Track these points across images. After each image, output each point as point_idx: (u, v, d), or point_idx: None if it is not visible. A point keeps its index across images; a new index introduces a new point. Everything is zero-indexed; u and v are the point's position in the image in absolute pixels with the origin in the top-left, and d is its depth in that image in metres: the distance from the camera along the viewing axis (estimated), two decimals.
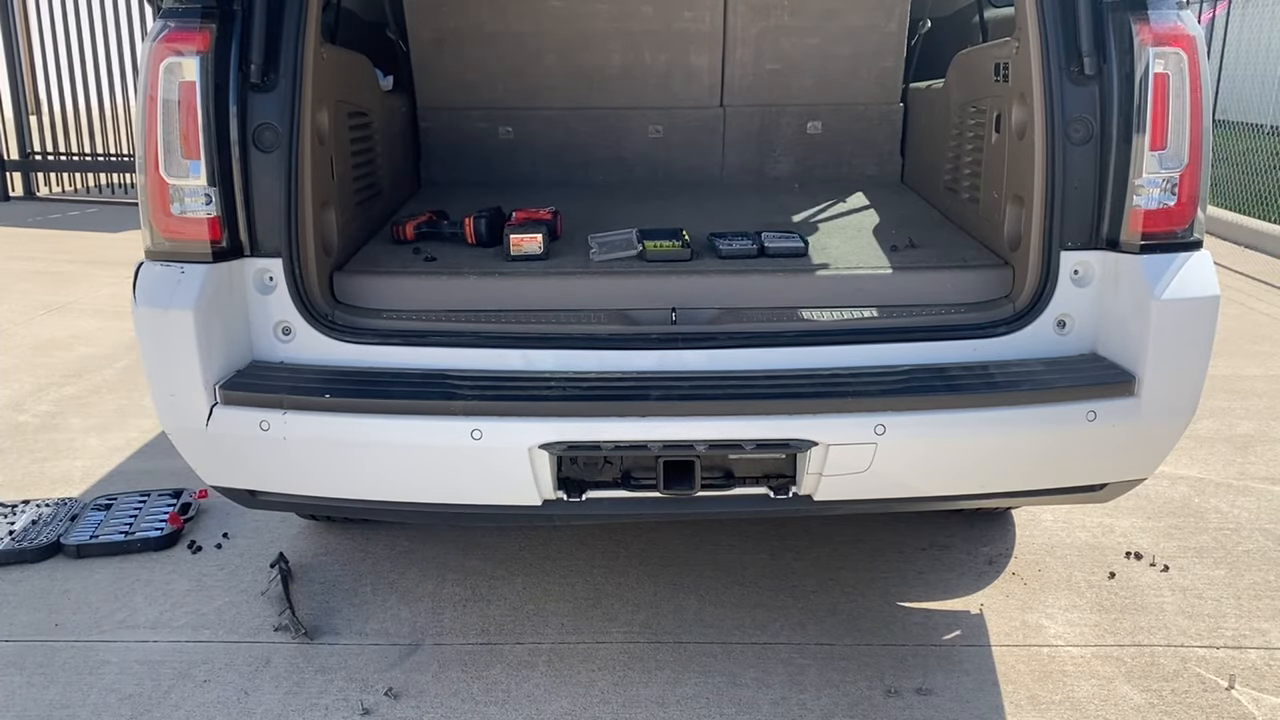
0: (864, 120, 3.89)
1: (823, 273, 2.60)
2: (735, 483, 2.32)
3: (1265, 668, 2.66)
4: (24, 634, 2.85)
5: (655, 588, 3.07)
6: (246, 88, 2.30)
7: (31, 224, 9.33)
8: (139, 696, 2.57)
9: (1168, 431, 2.33)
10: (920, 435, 2.20)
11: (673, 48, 3.79)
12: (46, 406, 4.64)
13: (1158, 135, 2.22)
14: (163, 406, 2.31)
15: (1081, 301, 2.34)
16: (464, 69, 3.86)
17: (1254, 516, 3.52)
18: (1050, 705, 2.53)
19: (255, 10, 2.28)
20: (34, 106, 10.73)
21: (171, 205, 2.27)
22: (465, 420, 2.18)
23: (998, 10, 3.66)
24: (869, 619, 2.91)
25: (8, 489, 3.76)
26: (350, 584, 3.10)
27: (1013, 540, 3.36)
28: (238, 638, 2.83)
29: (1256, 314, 6.16)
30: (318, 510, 3.05)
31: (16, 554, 3.22)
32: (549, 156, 3.95)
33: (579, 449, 2.23)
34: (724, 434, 2.19)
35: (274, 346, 2.38)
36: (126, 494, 3.61)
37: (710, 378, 2.30)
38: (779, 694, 2.59)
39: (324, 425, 2.22)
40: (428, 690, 2.57)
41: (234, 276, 2.32)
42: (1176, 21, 2.20)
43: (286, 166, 2.32)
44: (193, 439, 2.33)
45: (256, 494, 2.42)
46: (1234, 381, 4.85)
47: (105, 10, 10.34)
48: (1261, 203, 9.16)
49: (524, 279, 2.60)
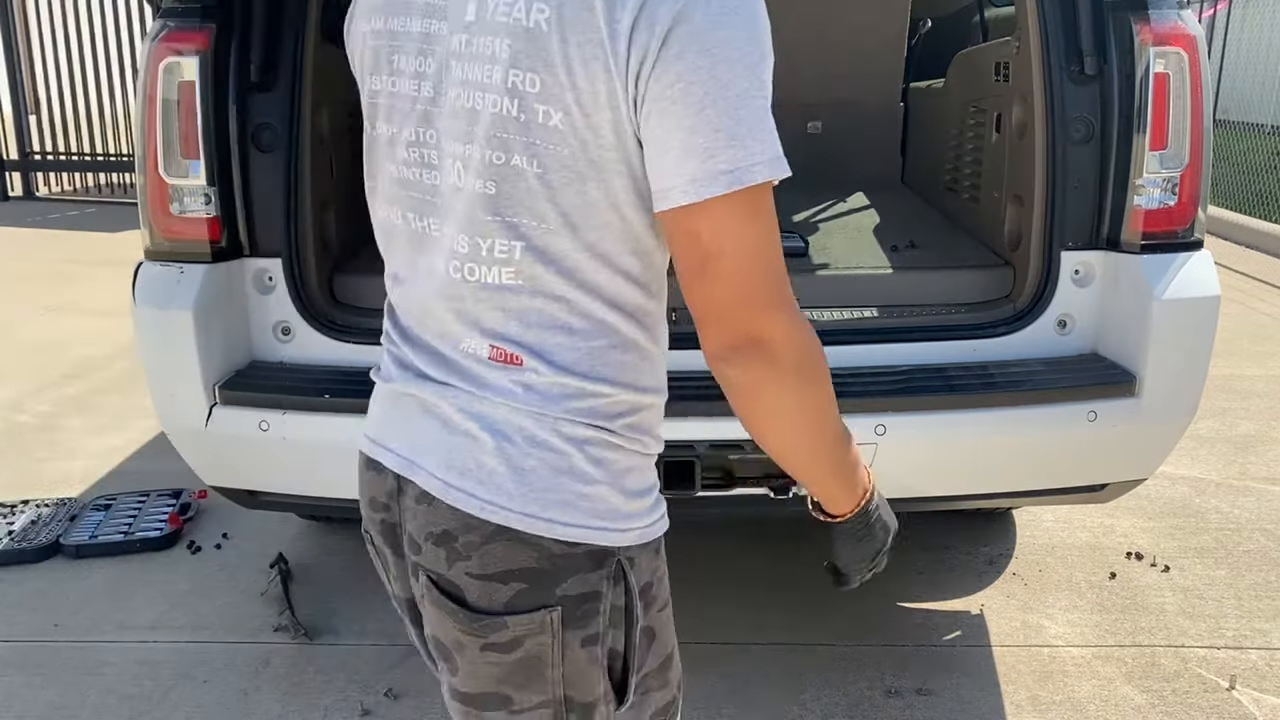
0: (864, 120, 3.89)
1: (823, 272, 2.59)
2: (735, 483, 2.32)
3: (1266, 668, 2.66)
4: (24, 634, 2.85)
5: None
6: (246, 87, 2.29)
7: (31, 224, 9.33)
8: (139, 696, 2.57)
9: (1168, 432, 2.32)
10: (920, 436, 2.20)
11: None
12: (46, 406, 4.64)
13: (1158, 135, 2.22)
14: (162, 406, 2.31)
15: (1082, 301, 2.34)
16: None
17: (1255, 516, 3.52)
18: (1051, 706, 2.52)
19: (255, 10, 2.28)
20: (34, 106, 10.72)
21: (171, 205, 2.27)
22: None
23: (998, 10, 3.66)
24: (869, 619, 2.90)
25: (7, 489, 3.75)
26: (350, 584, 3.09)
27: (1013, 540, 3.36)
28: (238, 638, 2.82)
29: (1257, 314, 6.15)
30: (318, 511, 3.04)
31: (16, 554, 3.21)
32: None
33: None
34: (724, 434, 2.19)
35: (274, 347, 2.38)
36: (126, 494, 3.61)
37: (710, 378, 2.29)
38: (779, 694, 2.58)
39: (324, 425, 2.22)
40: (428, 690, 2.56)
41: (233, 277, 2.32)
42: (1177, 21, 2.20)
43: (286, 166, 2.32)
44: (192, 439, 2.32)
45: (256, 494, 2.42)
46: (1234, 381, 4.85)
47: (105, 10, 10.33)
48: (1261, 203, 9.16)
49: None
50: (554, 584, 1.06)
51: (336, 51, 2.83)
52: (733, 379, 1.02)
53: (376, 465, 1.18)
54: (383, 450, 1.16)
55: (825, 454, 1.11)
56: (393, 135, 1.10)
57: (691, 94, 0.92)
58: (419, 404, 1.12)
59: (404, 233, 1.13)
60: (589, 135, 0.96)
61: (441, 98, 1.03)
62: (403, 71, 1.07)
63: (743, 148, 0.94)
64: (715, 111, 0.93)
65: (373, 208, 1.19)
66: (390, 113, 1.09)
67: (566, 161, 0.97)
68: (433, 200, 1.07)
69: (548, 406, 1.05)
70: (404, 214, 1.11)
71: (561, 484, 1.06)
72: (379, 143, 1.12)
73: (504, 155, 0.99)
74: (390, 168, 1.11)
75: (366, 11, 1.11)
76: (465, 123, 1.01)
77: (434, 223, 1.08)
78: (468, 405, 1.08)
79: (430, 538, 1.09)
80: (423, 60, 1.04)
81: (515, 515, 1.05)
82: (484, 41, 0.98)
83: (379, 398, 1.23)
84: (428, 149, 1.06)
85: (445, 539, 1.08)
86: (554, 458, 1.06)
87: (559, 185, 0.98)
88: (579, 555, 1.06)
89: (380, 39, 1.09)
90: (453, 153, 1.03)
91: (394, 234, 1.15)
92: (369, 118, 1.14)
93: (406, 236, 1.12)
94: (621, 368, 1.08)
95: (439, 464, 1.09)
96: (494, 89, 0.97)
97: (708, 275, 0.98)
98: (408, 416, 1.14)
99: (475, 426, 1.07)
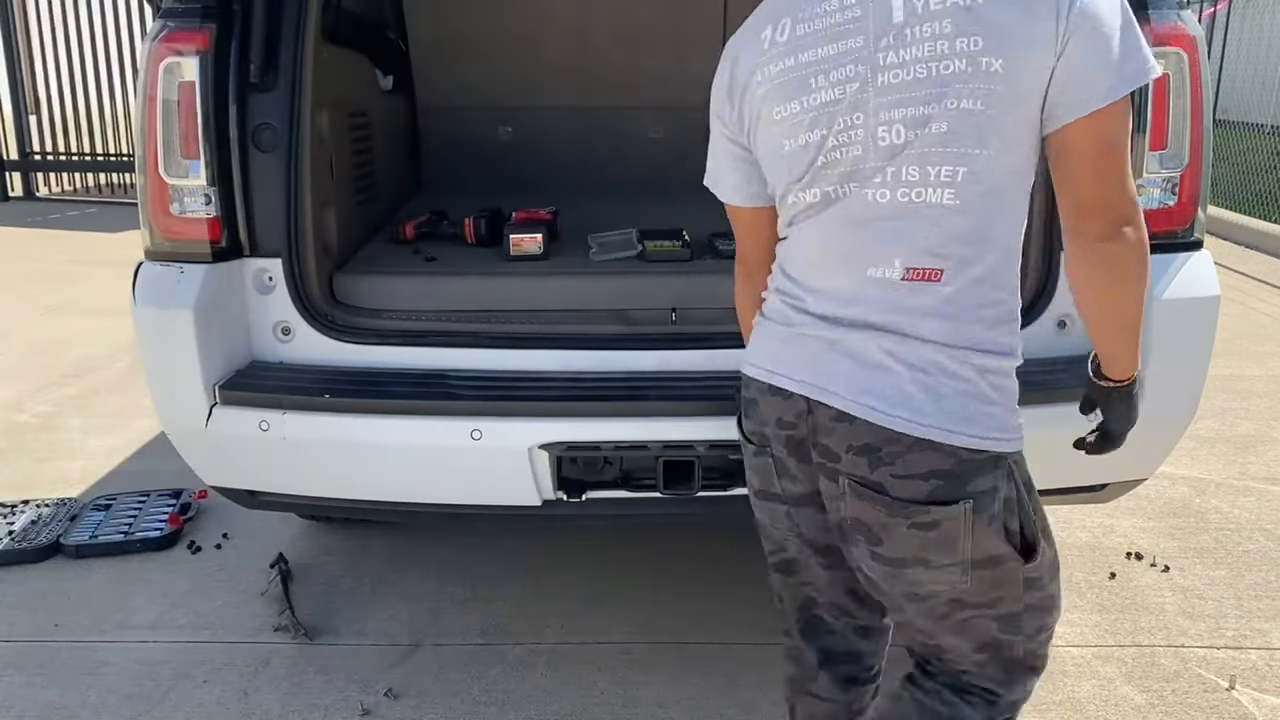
0: None
1: None
2: (735, 483, 2.32)
3: (1266, 668, 2.66)
4: (24, 634, 2.85)
5: (655, 588, 3.06)
6: (246, 88, 2.29)
7: (31, 224, 9.33)
8: (139, 696, 2.57)
9: (1168, 431, 2.32)
10: None
11: (673, 48, 3.79)
12: (46, 406, 4.64)
13: (1158, 135, 2.21)
14: (162, 406, 2.31)
15: None
16: (464, 69, 3.85)
17: (1255, 516, 3.52)
18: (1051, 706, 2.52)
19: (255, 10, 2.28)
20: (34, 106, 10.73)
21: (171, 205, 2.27)
22: (465, 420, 2.18)
23: None
24: None
25: (7, 489, 3.75)
26: (350, 584, 3.10)
27: None
28: (238, 638, 2.82)
29: (1257, 314, 6.16)
30: (318, 510, 3.04)
31: (16, 554, 3.21)
32: (549, 156, 3.94)
33: (578, 449, 2.23)
34: (723, 434, 2.19)
35: (274, 347, 2.38)
36: (126, 494, 3.61)
37: (710, 378, 2.30)
38: (779, 694, 2.58)
39: (324, 425, 2.22)
40: (428, 690, 2.56)
41: (233, 276, 2.32)
42: (1177, 21, 2.20)
43: (286, 166, 2.32)
44: (192, 439, 2.33)
45: (256, 494, 2.42)
46: (1234, 381, 4.85)
47: (105, 10, 10.34)
48: (1261, 203, 9.16)
49: (524, 279, 2.60)
50: (965, 482, 1.44)
51: (337, 51, 2.83)
52: (1115, 252, 1.40)
53: (783, 391, 1.54)
54: (786, 379, 1.53)
55: (1137, 320, 1.49)
56: (821, 138, 1.45)
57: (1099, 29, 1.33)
58: (824, 343, 1.49)
59: (822, 205, 1.48)
60: (1018, 73, 1.33)
61: (871, 86, 1.39)
62: (821, 87, 1.43)
63: (1131, 61, 1.34)
64: (1113, 39, 1.33)
65: (797, 196, 1.51)
66: (814, 122, 1.45)
67: (1003, 97, 1.33)
68: (859, 168, 1.42)
69: (958, 333, 1.42)
70: (824, 190, 1.47)
71: (969, 406, 1.42)
72: (808, 148, 1.47)
73: (955, 102, 1.35)
74: (818, 157, 1.46)
75: (761, 63, 1.50)
76: (913, 91, 1.37)
77: (854, 186, 1.43)
78: (881, 342, 1.44)
79: (851, 449, 1.47)
80: (843, 70, 1.41)
81: (935, 430, 1.41)
82: (923, 28, 1.36)
83: (773, 336, 1.58)
84: (856, 129, 1.41)
85: (867, 450, 1.45)
86: (963, 385, 1.42)
87: (998, 116, 1.35)
88: (983, 460, 1.44)
89: (789, 74, 1.46)
90: (894, 119, 1.39)
91: (811, 209, 1.50)
92: (784, 136, 1.49)
93: (825, 206, 1.48)
94: (1012, 276, 1.45)
95: (856, 390, 1.45)
96: (942, 56, 1.35)
97: (1103, 170, 1.37)
98: (814, 353, 1.50)
99: (890, 360, 1.43)
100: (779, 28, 1.49)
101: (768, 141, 1.54)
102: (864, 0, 1.41)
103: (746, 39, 1.55)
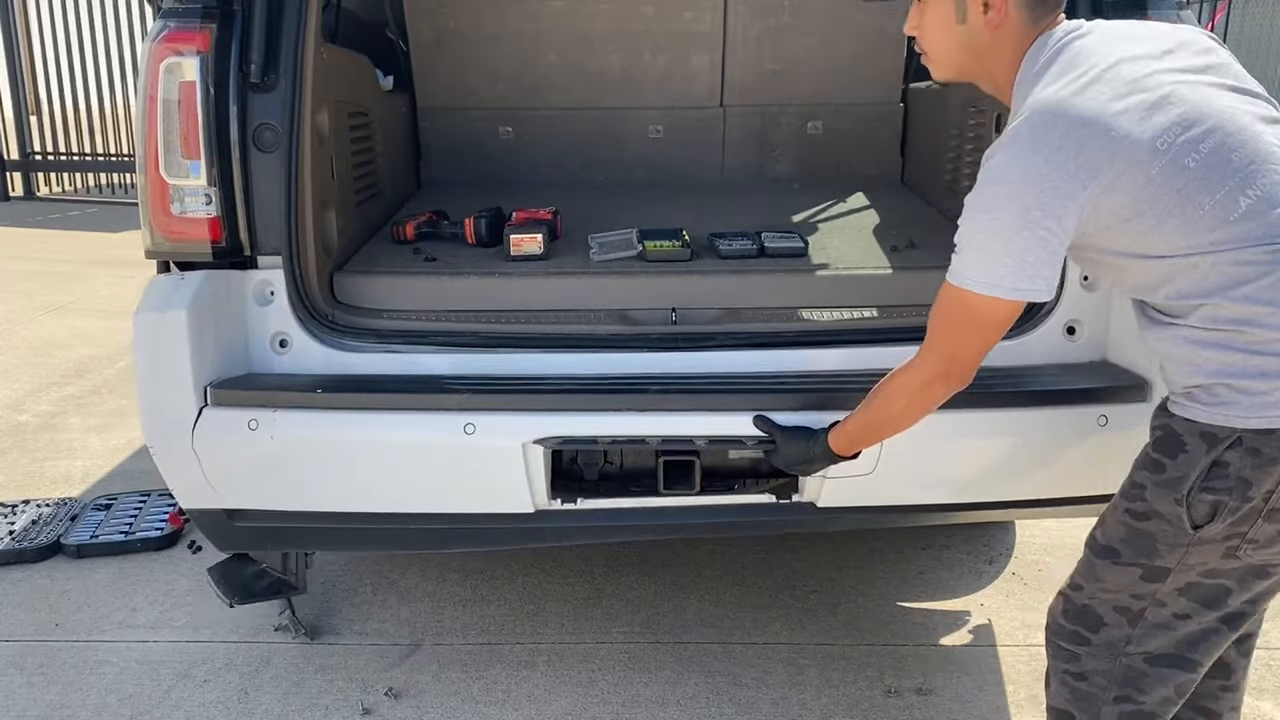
0: (864, 120, 3.88)
1: (823, 273, 2.59)
2: (736, 485, 2.32)
3: (1265, 668, 2.66)
4: (24, 634, 2.85)
5: (655, 588, 3.07)
6: (246, 88, 2.29)
7: (31, 224, 9.33)
8: (139, 696, 2.57)
9: None
10: (926, 438, 2.19)
11: (673, 48, 3.79)
12: (46, 406, 4.64)
13: None
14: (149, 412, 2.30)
15: (1090, 306, 2.33)
16: (464, 69, 3.85)
17: None
18: (1042, 704, 2.52)
19: (255, 10, 2.28)
20: (34, 106, 10.73)
21: (171, 205, 2.27)
22: (458, 415, 2.17)
23: None
24: (869, 619, 2.91)
25: (8, 489, 3.76)
26: (350, 584, 3.10)
27: (1013, 540, 3.36)
28: (238, 638, 2.83)
29: None
30: (299, 537, 2.61)
31: (16, 554, 3.22)
32: (549, 156, 3.94)
33: (574, 444, 2.22)
34: (724, 430, 2.19)
35: (270, 359, 2.37)
36: (126, 494, 3.62)
37: (710, 378, 2.29)
38: (779, 694, 2.59)
39: (314, 422, 2.21)
40: (428, 690, 2.57)
41: (233, 286, 2.31)
42: (1177, 22, 2.20)
43: (287, 166, 2.31)
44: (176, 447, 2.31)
45: (236, 515, 2.37)
46: None
47: (105, 10, 10.34)
48: None
49: (524, 279, 2.59)
50: None
51: (337, 51, 2.83)
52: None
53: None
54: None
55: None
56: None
57: None
58: None
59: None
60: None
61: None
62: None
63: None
64: None
65: (1228, 208, 1.55)
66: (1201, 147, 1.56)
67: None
68: (1255, 165, 1.53)
69: None
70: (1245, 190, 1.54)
71: None
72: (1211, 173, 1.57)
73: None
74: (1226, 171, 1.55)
75: (1144, 115, 1.60)
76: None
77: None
78: None
79: None
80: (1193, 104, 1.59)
81: None
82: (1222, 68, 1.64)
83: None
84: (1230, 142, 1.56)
85: None
86: None
87: None
88: None
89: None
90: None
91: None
92: (1192, 169, 1.57)
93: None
94: None
95: None
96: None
97: None
98: None
99: None
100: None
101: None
102: None
103: None
